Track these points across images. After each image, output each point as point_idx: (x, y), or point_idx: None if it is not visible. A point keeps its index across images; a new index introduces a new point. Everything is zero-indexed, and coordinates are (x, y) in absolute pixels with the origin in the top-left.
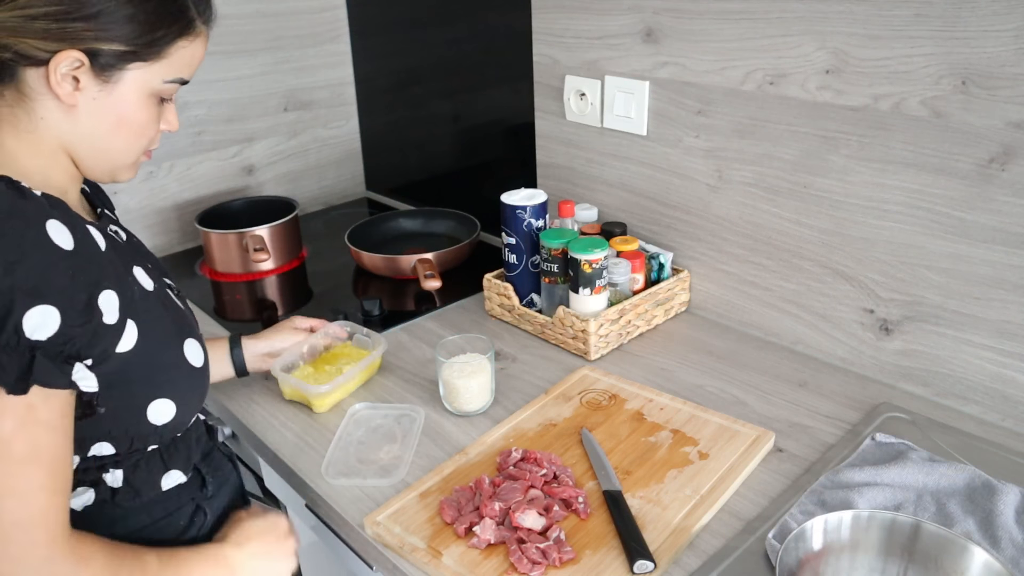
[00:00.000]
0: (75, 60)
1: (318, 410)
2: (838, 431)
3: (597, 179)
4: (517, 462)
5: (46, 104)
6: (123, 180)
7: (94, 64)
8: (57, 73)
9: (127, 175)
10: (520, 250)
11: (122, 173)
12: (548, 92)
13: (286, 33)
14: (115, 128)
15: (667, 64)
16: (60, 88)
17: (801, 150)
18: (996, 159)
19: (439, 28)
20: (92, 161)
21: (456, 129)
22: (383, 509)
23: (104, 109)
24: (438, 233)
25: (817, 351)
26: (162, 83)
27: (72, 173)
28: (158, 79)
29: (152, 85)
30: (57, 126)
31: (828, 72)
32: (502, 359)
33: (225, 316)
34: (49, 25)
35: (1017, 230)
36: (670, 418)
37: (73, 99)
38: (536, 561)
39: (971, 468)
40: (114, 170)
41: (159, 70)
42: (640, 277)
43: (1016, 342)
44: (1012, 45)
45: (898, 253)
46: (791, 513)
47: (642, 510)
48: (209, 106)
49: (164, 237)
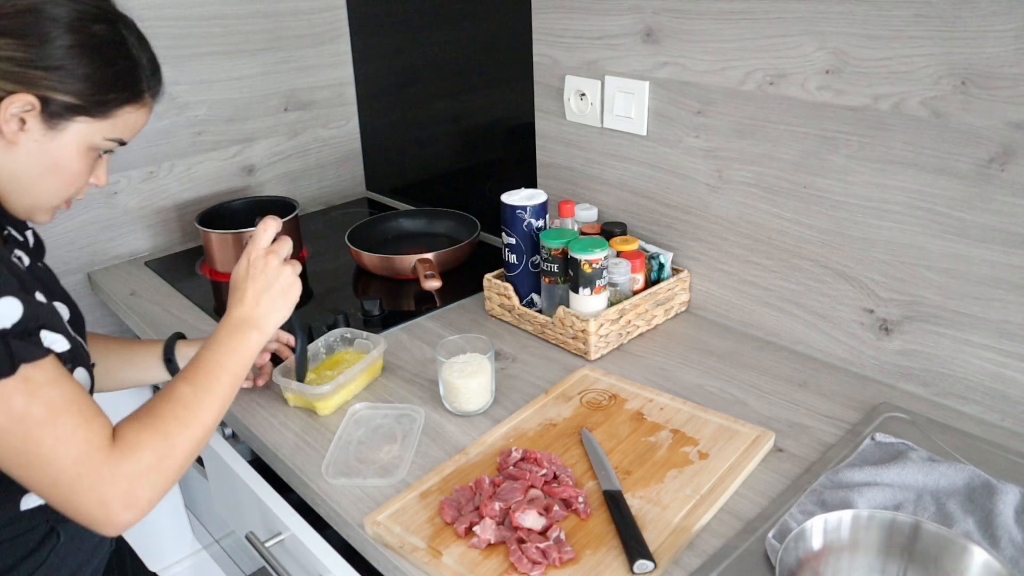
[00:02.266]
0: (27, 103)
1: (322, 413)
2: (838, 431)
3: (597, 179)
4: (517, 462)
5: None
6: (39, 222)
7: (44, 110)
8: (7, 111)
9: (44, 217)
10: (520, 250)
11: (40, 214)
12: (548, 92)
13: (286, 33)
14: (48, 172)
15: (667, 64)
16: (6, 125)
17: (801, 150)
18: (996, 159)
19: (439, 28)
20: (15, 196)
21: (456, 129)
22: (383, 509)
23: (43, 153)
24: (438, 233)
25: (817, 351)
26: (103, 140)
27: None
28: (99, 136)
29: (92, 140)
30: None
31: (828, 72)
32: (502, 359)
33: None
34: (11, 68)
35: (1017, 230)
36: (670, 418)
37: (16, 138)
38: (536, 561)
39: (971, 468)
40: (33, 209)
41: (102, 128)
42: (640, 277)
43: (1016, 342)
44: (1012, 45)
45: (898, 253)
46: (791, 513)
47: (642, 510)
48: (209, 106)
49: (164, 237)
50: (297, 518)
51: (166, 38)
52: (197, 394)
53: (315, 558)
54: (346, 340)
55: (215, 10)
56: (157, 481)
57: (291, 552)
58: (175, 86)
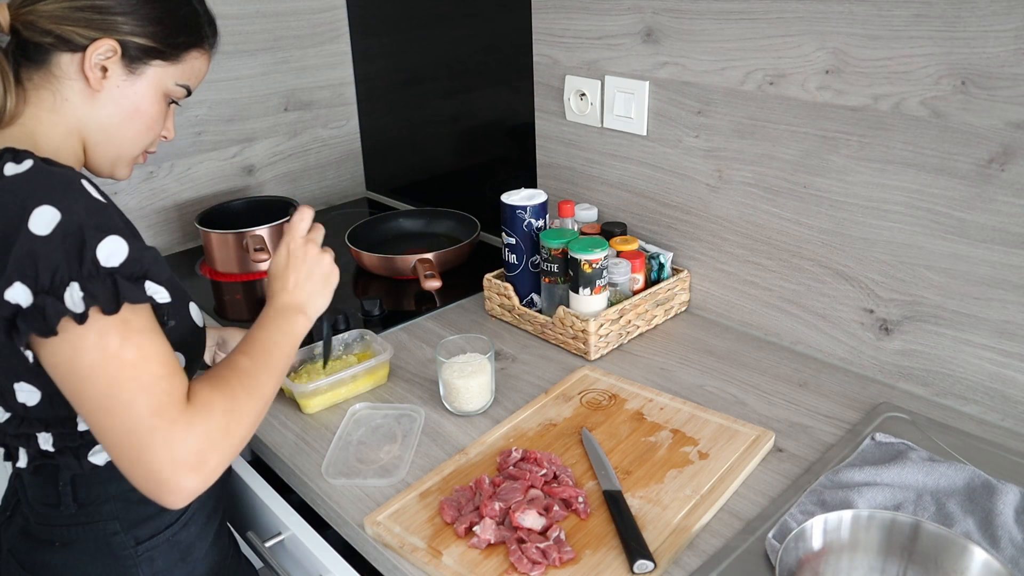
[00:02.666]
0: (110, 49)
1: (306, 411)
2: (838, 431)
3: (597, 179)
4: (517, 462)
5: (73, 87)
6: (120, 177)
7: (124, 55)
8: (92, 59)
9: (124, 171)
10: (520, 250)
11: (121, 167)
12: (548, 92)
13: (286, 33)
14: (129, 117)
15: (667, 64)
16: (92, 73)
17: (801, 150)
18: (996, 159)
19: (439, 28)
20: (101, 148)
21: (456, 129)
22: (383, 509)
23: (124, 98)
24: (438, 233)
25: (817, 351)
26: (174, 85)
27: (79, 159)
28: (171, 80)
29: (166, 85)
30: (78, 109)
31: (828, 72)
32: (502, 359)
33: (225, 316)
34: (93, 16)
35: (1017, 230)
36: (670, 418)
37: (100, 85)
38: (536, 561)
39: (971, 468)
40: (116, 161)
41: (174, 73)
42: (640, 277)
43: (1016, 342)
44: (1012, 45)
45: (898, 253)
46: (791, 513)
47: (642, 510)
48: (209, 106)
49: (164, 237)
50: (297, 518)
51: None
52: (257, 367)
53: (315, 558)
54: (364, 341)
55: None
56: (225, 446)
57: (291, 552)
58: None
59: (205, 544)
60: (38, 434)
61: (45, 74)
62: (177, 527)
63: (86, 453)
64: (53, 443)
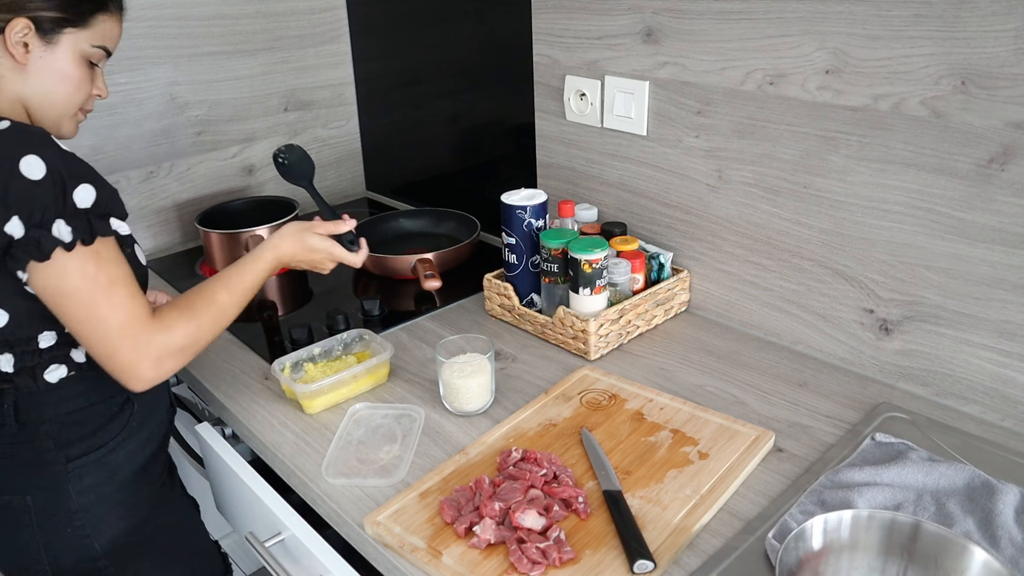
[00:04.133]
0: (25, 26)
1: (308, 411)
2: (838, 431)
3: (597, 179)
4: (517, 462)
5: (4, 63)
6: (66, 135)
7: (38, 29)
8: (11, 37)
9: (68, 128)
10: (520, 250)
11: (65, 124)
12: (548, 92)
13: (286, 33)
14: (57, 82)
15: (667, 64)
16: (15, 49)
17: (801, 150)
18: (996, 159)
19: (439, 28)
20: (42, 111)
21: (456, 129)
22: (383, 509)
23: (48, 66)
24: (438, 233)
25: (817, 351)
26: (90, 47)
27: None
28: (86, 43)
29: (82, 48)
30: (13, 82)
31: (828, 72)
32: (502, 359)
33: None
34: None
35: (1017, 230)
36: (670, 418)
37: (25, 59)
38: (536, 561)
39: (971, 468)
40: (59, 120)
41: (87, 36)
42: (640, 277)
43: (1016, 342)
44: (1012, 45)
45: (898, 253)
46: (791, 513)
47: (642, 510)
48: (209, 106)
49: (164, 237)
50: (297, 518)
51: (166, 38)
52: (232, 301)
53: (315, 558)
54: (363, 341)
55: (215, 10)
56: (180, 358)
57: (291, 552)
58: (175, 86)
59: (132, 467)
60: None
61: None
62: (105, 451)
63: (42, 372)
64: (14, 364)
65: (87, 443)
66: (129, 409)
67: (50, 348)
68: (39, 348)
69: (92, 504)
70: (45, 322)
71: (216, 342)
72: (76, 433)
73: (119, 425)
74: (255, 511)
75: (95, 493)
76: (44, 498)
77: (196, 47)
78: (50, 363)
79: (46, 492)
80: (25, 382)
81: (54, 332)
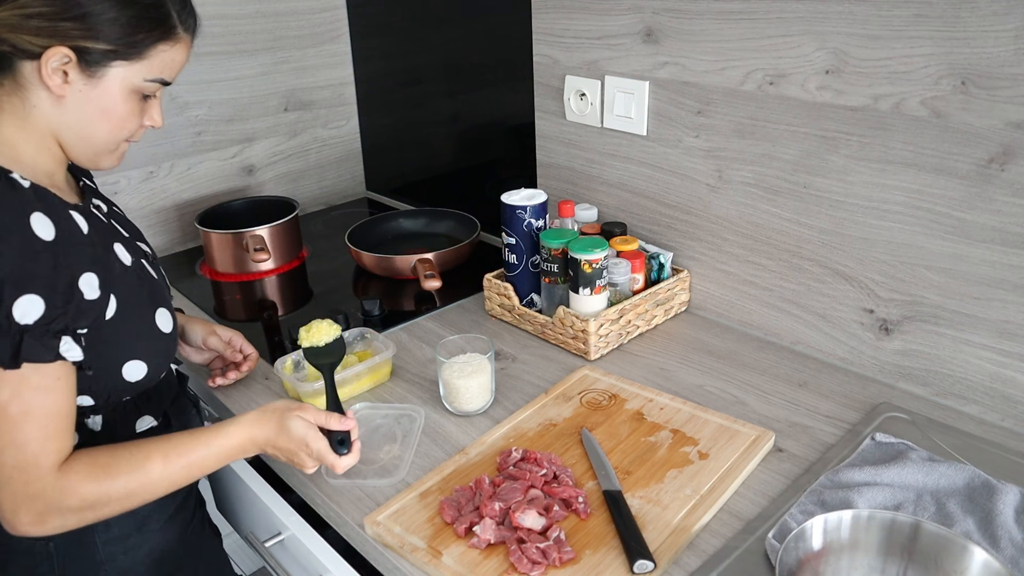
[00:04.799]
0: (64, 56)
1: None
2: (838, 431)
3: (597, 179)
4: (517, 462)
5: (39, 94)
6: (105, 167)
7: (80, 60)
8: (48, 67)
9: (108, 162)
10: (520, 250)
11: (103, 159)
12: (548, 92)
13: (286, 33)
14: (98, 119)
15: (667, 64)
16: (50, 80)
17: (801, 150)
18: (996, 159)
19: (439, 28)
20: (76, 147)
21: (456, 129)
22: (383, 509)
23: (89, 101)
24: (438, 233)
25: (817, 351)
26: (143, 81)
27: (59, 157)
28: (139, 77)
29: (133, 83)
30: (47, 114)
31: (828, 72)
32: (502, 359)
33: (225, 316)
34: (42, 23)
35: (1017, 230)
36: (670, 418)
37: (62, 91)
38: (536, 561)
39: (971, 468)
40: (96, 156)
41: (140, 69)
42: (640, 277)
43: (1016, 342)
44: (1012, 45)
45: (898, 253)
46: (791, 513)
47: (642, 510)
48: (209, 106)
49: (164, 237)
50: (297, 518)
51: None
52: (166, 474)
53: (315, 558)
54: (365, 340)
55: (215, 10)
56: (72, 520)
57: (291, 552)
58: (175, 86)
59: (163, 516)
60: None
61: (12, 82)
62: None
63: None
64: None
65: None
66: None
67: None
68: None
69: (118, 555)
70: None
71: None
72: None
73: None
74: (255, 511)
75: (122, 544)
76: (67, 546)
77: (196, 47)
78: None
79: (70, 540)
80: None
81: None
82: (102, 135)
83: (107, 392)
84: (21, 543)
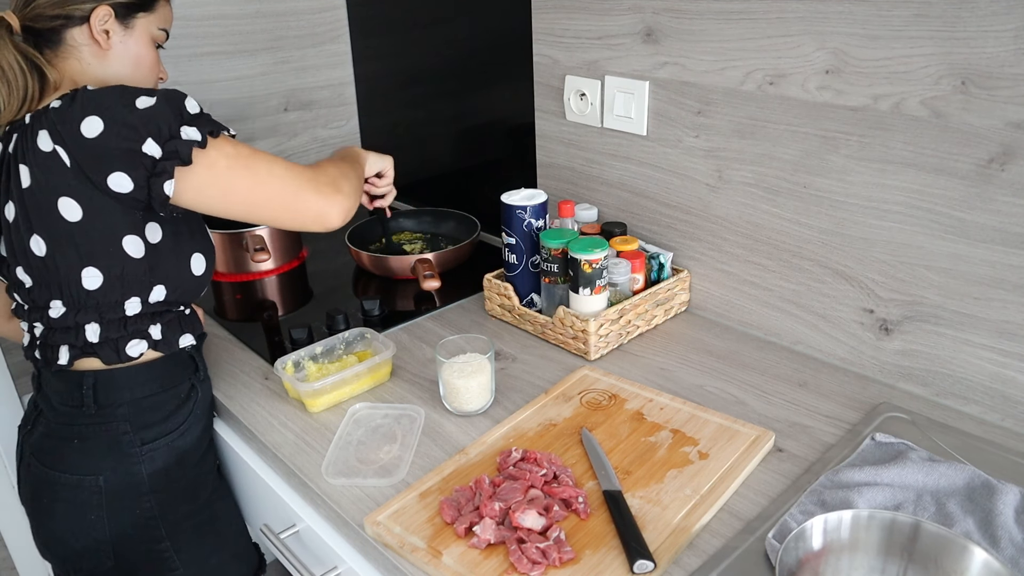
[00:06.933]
0: (107, 13)
1: (311, 410)
2: (838, 431)
3: (597, 179)
4: (517, 462)
5: (88, 51)
6: None
7: (117, 15)
8: (96, 25)
9: None
10: (520, 250)
11: None
12: (548, 92)
13: (286, 33)
14: (136, 65)
15: (667, 64)
16: (100, 36)
17: (801, 150)
18: (996, 159)
19: (439, 28)
20: None
21: (456, 129)
22: (383, 509)
23: (127, 50)
24: (438, 233)
25: (817, 351)
26: (157, 30)
27: None
28: (154, 26)
29: (152, 32)
30: (97, 69)
31: (828, 72)
32: (502, 359)
33: (225, 316)
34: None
35: (1017, 230)
36: (670, 418)
37: (108, 44)
38: (536, 561)
39: (971, 468)
40: None
41: (155, 19)
42: (640, 277)
43: (1016, 342)
44: (1012, 45)
45: (898, 253)
46: (791, 513)
47: (642, 510)
48: (209, 106)
49: None
50: (311, 510)
51: None
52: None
53: (330, 549)
54: (365, 340)
55: (215, 10)
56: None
57: (305, 543)
58: (175, 86)
59: (197, 455)
60: (87, 325)
61: (65, 49)
62: (175, 435)
63: (124, 345)
64: (99, 334)
65: (160, 427)
66: (194, 396)
67: (134, 318)
68: (125, 316)
69: (162, 487)
70: (134, 287)
71: (216, 342)
72: (151, 417)
73: (186, 412)
74: (270, 503)
75: (166, 477)
76: (116, 480)
77: (196, 47)
78: (133, 336)
79: (119, 474)
80: (108, 355)
81: (139, 299)
82: (140, 80)
83: (176, 284)
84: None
